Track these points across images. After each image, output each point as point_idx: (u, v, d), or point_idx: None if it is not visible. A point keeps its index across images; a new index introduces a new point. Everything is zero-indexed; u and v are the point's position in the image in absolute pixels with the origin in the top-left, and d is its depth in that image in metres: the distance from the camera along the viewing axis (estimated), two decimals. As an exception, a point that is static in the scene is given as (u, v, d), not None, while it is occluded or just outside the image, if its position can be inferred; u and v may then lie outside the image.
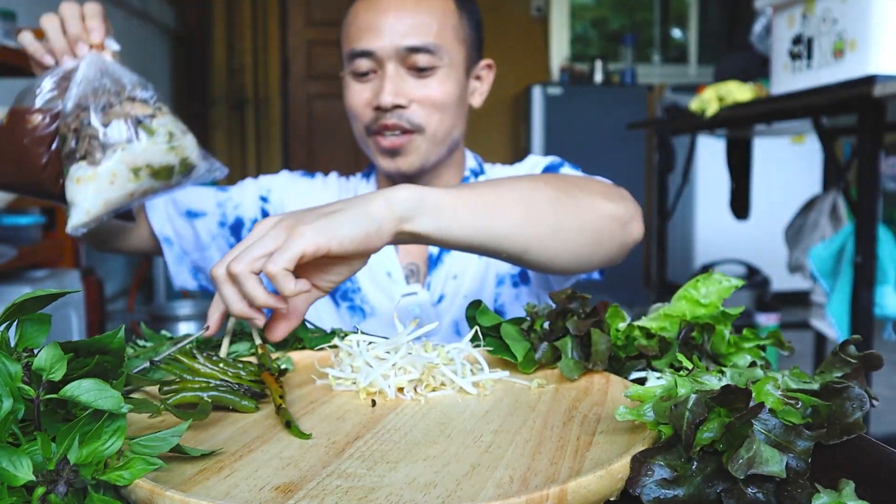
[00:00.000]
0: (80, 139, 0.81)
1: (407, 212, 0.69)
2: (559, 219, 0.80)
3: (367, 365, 0.65)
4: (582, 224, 0.82)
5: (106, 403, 0.42)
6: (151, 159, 0.81)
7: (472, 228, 0.73)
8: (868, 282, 1.63)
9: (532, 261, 0.80)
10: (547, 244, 0.79)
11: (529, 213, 0.77)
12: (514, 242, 0.77)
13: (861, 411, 0.47)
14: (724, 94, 2.00)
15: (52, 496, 0.38)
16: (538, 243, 0.79)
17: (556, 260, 0.82)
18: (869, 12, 1.57)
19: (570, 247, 0.82)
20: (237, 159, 4.71)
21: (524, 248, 0.78)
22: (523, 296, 1.13)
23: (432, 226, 0.71)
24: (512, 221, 0.76)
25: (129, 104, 0.83)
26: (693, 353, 0.64)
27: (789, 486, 0.41)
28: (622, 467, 0.43)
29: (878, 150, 1.59)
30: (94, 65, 0.83)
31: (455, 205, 0.72)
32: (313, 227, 0.64)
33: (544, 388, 0.64)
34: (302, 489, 0.44)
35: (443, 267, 1.13)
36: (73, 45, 0.86)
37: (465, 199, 0.73)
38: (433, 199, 0.71)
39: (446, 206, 0.72)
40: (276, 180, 1.23)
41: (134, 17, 3.82)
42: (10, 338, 0.48)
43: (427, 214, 0.71)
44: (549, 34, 5.11)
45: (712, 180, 4.25)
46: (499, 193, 0.76)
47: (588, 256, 0.85)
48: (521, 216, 0.77)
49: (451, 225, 0.72)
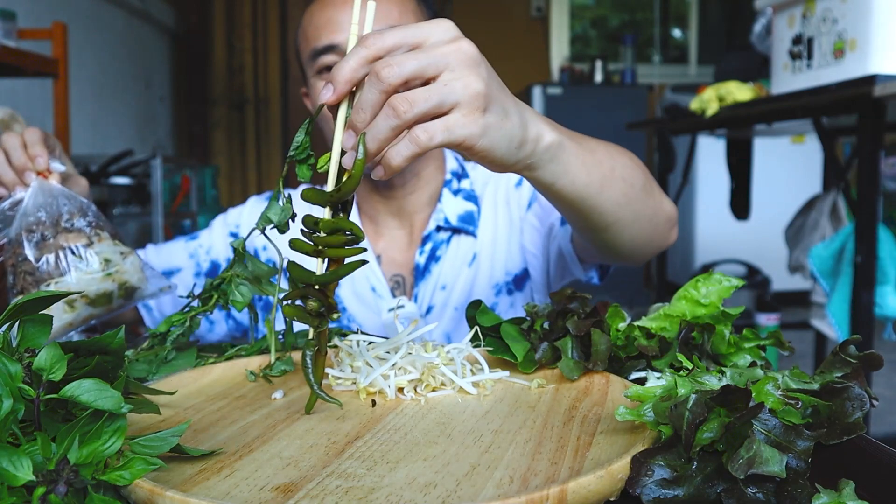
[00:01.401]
0: (17, 275, 0.83)
1: (540, 161, 0.66)
2: (644, 207, 0.81)
3: (367, 365, 0.65)
4: (653, 216, 0.83)
5: (106, 403, 0.42)
6: (86, 288, 0.82)
7: (579, 194, 0.72)
8: (868, 282, 1.63)
9: (606, 237, 0.81)
10: (625, 227, 0.80)
11: (627, 195, 0.77)
12: (604, 219, 0.77)
13: (861, 411, 0.47)
14: (724, 94, 2.00)
15: (52, 496, 0.38)
16: (621, 225, 0.79)
17: (625, 244, 0.83)
18: (869, 12, 1.57)
19: (639, 234, 0.83)
20: (237, 159, 4.71)
21: (608, 226, 0.78)
22: (518, 304, 1.12)
23: (550, 180, 0.69)
24: (614, 199, 0.76)
25: (63, 235, 0.84)
26: (693, 353, 0.64)
27: (789, 486, 0.41)
28: (622, 467, 0.43)
29: (878, 150, 1.59)
30: (39, 194, 0.86)
31: (578, 167, 0.70)
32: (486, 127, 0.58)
33: (544, 388, 0.64)
34: (302, 489, 0.44)
35: (430, 278, 1.11)
36: (21, 175, 0.88)
37: (587, 164, 0.72)
38: (566, 155, 0.68)
39: (570, 166, 0.69)
40: (243, 212, 1.22)
41: (134, 17, 3.82)
42: (11, 338, 0.48)
43: (551, 171, 0.68)
44: (549, 34, 5.11)
45: (712, 180, 4.25)
46: (612, 167, 0.75)
47: (641, 247, 0.86)
48: (622, 195, 0.77)
49: (565, 185, 0.70)
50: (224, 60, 4.65)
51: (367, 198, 1.16)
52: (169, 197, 3.39)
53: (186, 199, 3.45)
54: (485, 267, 1.12)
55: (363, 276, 1.12)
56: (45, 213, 0.85)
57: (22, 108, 2.36)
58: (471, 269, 1.11)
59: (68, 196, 0.87)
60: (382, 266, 1.14)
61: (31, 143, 0.88)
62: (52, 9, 2.84)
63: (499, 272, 1.12)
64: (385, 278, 1.13)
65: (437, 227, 1.12)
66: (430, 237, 1.12)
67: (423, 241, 1.12)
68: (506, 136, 0.60)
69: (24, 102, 2.52)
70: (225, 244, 1.20)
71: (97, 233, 0.86)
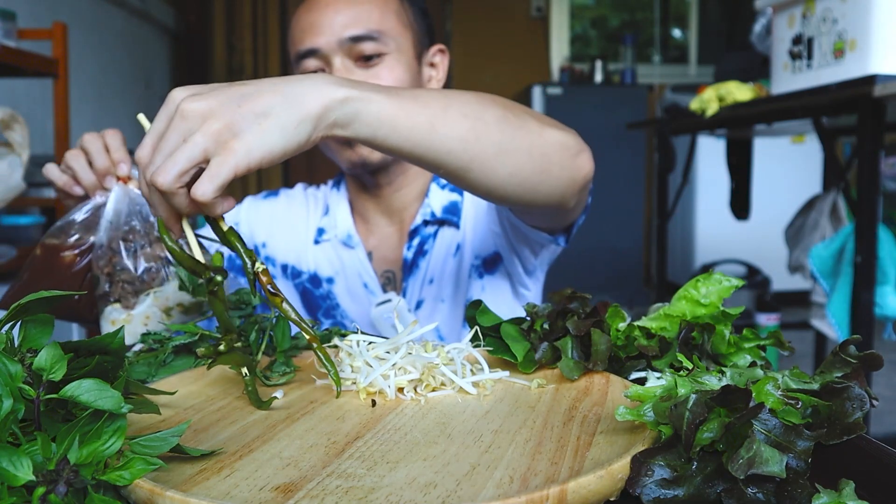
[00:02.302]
0: (113, 283, 0.82)
1: (343, 118, 0.64)
2: (506, 139, 0.75)
3: (367, 365, 0.65)
4: (530, 147, 0.76)
5: (106, 403, 0.42)
6: (182, 299, 0.83)
7: (411, 141, 0.69)
8: (868, 282, 1.62)
9: (474, 181, 0.75)
10: (491, 164, 0.74)
11: (475, 129, 0.72)
12: (455, 159, 0.72)
13: (861, 411, 0.47)
14: (724, 94, 2.00)
15: (52, 496, 0.38)
16: (481, 162, 0.73)
17: (500, 184, 0.76)
18: (869, 12, 1.57)
19: (515, 170, 0.76)
20: (237, 159, 4.71)
21: (466, 167, 0.73)
22: (489, 287, 1.11)
23: (368, 134, 0.67)
24: (456, 136, 0.71)
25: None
26: (693, 353, 0.64)
27: (789, 486, 0.41)
28: (622, 467, 0.43)
29: (878, 150, 1.59)
30: (123, 200, 0.84)
31: (396, 115, 0.67)
32: (244, 141, 0.58)
33: (544, 388, 0.64)
34: (302, 489, 0.44)
35: (419, 272, 1.12)
36: (102, 179, 0.86)
37: (407, 110, 0.68)
38: (373, 107, 0.66)
39: (386, 116, 0.67)
40: (239, 213, 1.22)
41: (134, 17, 3.82)
42: (13, 338, 0.48)
43: (364, 122, 0.66)
44: (549, 34, 5.11)
45: (712, 180, 4.25)
46: (444, 105, 0.71)
47: (535, 185, 0.79)
48: (466, 131, 0.72)
49: (389, 135, 0.67)
50: (224, 60, 4.65)
51: (357, 196, 1.17)
52: (169, 197, 3.38)
53: (186, 199, 3.44)
54: (464, 254, 1.12)
55: (355, 273, 1.13)
56: (138, 221, 0.84)
57: (22, 108, 2.36)
58: (455, 259, 1.12)
59: None
60: (373, 263, 1.15)
61: (115, 147, 0.87)
62: (52, 9, 2.84)
63: (470, 256, 1.12)
64: (376, 275, 1.14)
65: (423, 221, 1.13)
66: (418, 231, 1.12)
67: (410, 236, 1.12)
68: (278, 129, 0.60)
69: (24, 102, 2.52)
70: None
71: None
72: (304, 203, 1.23)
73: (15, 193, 1.59)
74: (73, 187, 0.88)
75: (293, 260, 1.19)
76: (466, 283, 1.11)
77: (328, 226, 1.18)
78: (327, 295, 1.15)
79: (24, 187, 1.60)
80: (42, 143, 2.49)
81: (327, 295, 1.15)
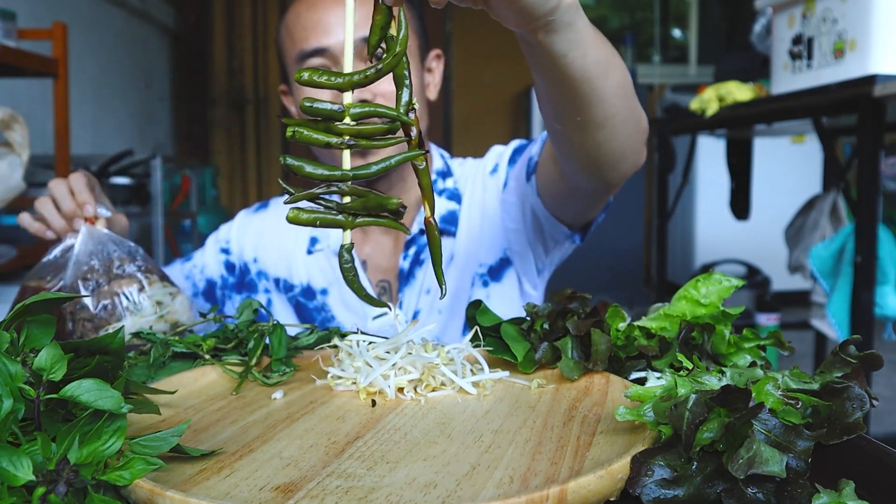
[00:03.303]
0: (75, 322, 0.86)
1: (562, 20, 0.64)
2: (633, 105, 0.79)
3: (367, 365, 0.65)
4: (639, 119, 0.81)
5: (106, 403, 0.42)
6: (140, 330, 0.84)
7: (588, 72, 0.70)
8: (868, 282, 1.62)
9: (600, 138, 0.78)
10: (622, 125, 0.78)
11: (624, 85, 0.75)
12: (606, 107, 0.75)
13: (861, 411, 0.47)
14: (724, 94, 2.00)
15: (52, 496, 0.38)
16: (618, 121, 0.77)
17: (615, 149, 0.81)
18: (869, 12, 1.57)
19: (628, 139, 0.81)
20: (237, 159, 4.71)
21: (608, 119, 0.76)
22: (494, 295, 1.10)
23: (563, 49, 0.66)
24: (615, 86, 0.74)
25: (116, 282, 0.87)
26: (693, 353, 0.64)
27: (789, 486, 0.41)
28: (622, 467, 0.43)
29: (878, 150, 1.59)
30: (89, 241, 0.89)
31: (589, 40, 0.68)
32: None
33: (544, 388, 0.64)
34: (302, 489, 0.44)
35: (415, 282, 1.10)
36: (70, 222, 0.90)
37: (595, 41, 0.70)
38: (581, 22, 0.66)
39: (584, 35, 0.67)
40: (232, 228, 1.22)
41: (134, 17, 3.82)
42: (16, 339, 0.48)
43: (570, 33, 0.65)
44: (549, 34, 5.10)
45: (712, 180, 4.25)
46: (612, 51, 0.74)
47: (626, 158, 0.84)
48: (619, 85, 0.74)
49: (576, 58, 0.68)
50: (224, 60, 4.65)
51: None
52: (169, 197, 3.39)
53: (186, 199, 3.45)
54: (461, 264, 1.11)
55: None
56: (97, 260, 0.88)
57: (22, 108, 2.36)
58: (449, 269, 1.10)
59: (116, 241, 0.91)
60: (368, 272, 1.13)
61: (78, 190, 0.90)
62: (52, 9, 2.84)
63: (474, 265, 1.11)
64: (371, 284, 1.12)
65: (420, 230, 1.11)
66: (415, 241, 1.11)
67: (406, 246, 1.11)
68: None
69: (24, 102, 2.52)
70: (215, 260, 1.21)
71: (147, 276, 0.89)
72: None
73: (15, 193, 1.59)
74: (45, 232, 0.92)
75: (284, 273, 1.17)
76: (468, 292, 1.10)
77: (321, 235, 1.16)
78: (322, 307, 1.14)
79: (24, 187, 1.60)
80: (42, 143, 2.49)
81: (322, 307, 1.14)
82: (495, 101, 4.95)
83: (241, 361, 0.71)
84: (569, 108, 0.76)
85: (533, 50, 0.69)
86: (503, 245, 1.11)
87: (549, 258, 1.11)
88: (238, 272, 1.20)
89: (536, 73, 0.74)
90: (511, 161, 1.12)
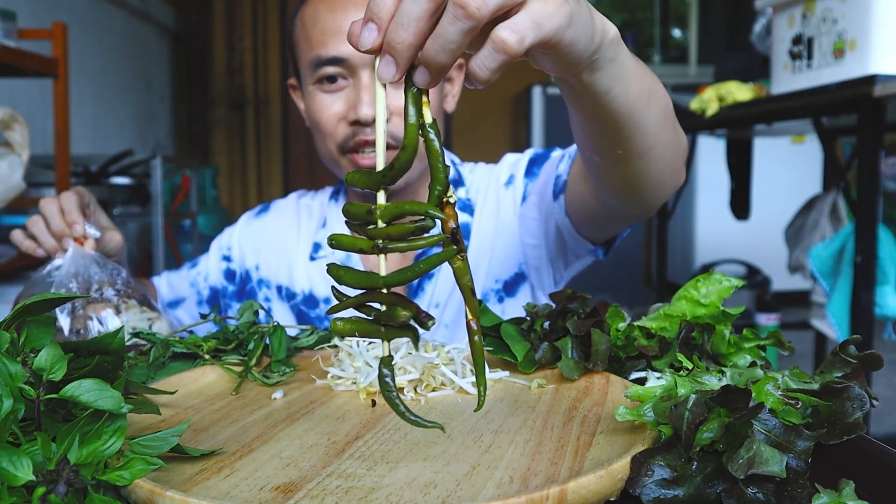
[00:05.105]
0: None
1: (605, 56, 0.59)
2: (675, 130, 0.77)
3: (367, 365, 0.65)
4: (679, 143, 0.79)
5: (106, 403, 0.42)
6: None
7: (630, 106, 0.67)
8: (868, 282, 1.62)
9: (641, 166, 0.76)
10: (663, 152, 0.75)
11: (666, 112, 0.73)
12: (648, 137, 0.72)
13: (861, 411, 0.47)
14: (724, 94, 2.00)
15: (52, 496, 0.38)
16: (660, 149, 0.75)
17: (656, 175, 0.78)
18: (869, 12, 1.57)
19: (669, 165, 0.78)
20: (237, 159, 4.71)
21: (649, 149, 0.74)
22: (509, 311, 1.08)
23: (606, 86, 0.62)
24: (657, 116, 0.71)
25: (92, 306, 0.88)
26: (693, 353, 0.64)
27: (789, 486, 0.41)
28: (622, 467, 0.43)
29: (878, 150, 1.59)
30: (72, 263, 0.90)
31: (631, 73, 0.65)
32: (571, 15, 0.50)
33: (544, 388, 0.64)
34: (302, 489, 0.44)
35: (424, 296, 1.08)
36: (59, 241, 0.91)
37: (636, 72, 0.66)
38: (623, 55, 0.62)
39: (626, 69, 0.63)
40: (233, 233, 1.21)
41: (134, 17, 3.82)
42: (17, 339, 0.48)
43: (613, 68, 0.61)
44: (549, 34, 5.10)
45: (712, 180, 4.25)
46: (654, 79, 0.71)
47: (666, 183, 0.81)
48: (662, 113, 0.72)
49: (619, 94, 0.65)
50: (224, 60, 4.65)
51: None
52: (169, 197, 3.39)
53: (186, 199, 3.45)
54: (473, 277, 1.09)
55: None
56: (76, 282, 0.88)
57: (22, 108, 2.36)
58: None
59: (101, 263, 0.91)
60: None
61: (69, 209, 0.90)
62: (52, 9, 2.84)
63: (489, 280, 1.08)
64: None
65: None
66: (425, 254, 1.09)
67: (416, 258, 1.08)
68: (585, 26, 0.53)
69: (24, 102, 2.52)
70: (217, 267, 1.19)
71: (125, 301, 0.89)
72: (296, 215, 1.18)
73: (15, 193, 1.59)
74: (35, 250, 0.93)
75: (286, 280, 1.14)
76: None
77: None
78: (324, 316, 1.11)
79: (24, 187, 1.60)
80: (42, 143, 2.49)
81: (324, 316, 1.11)
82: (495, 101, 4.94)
83: (241, 362, 0.71)
84: (609, 141, 0.73)
85: (572, 89, 0.64)
86: (518, 260, 1.08)
87: (569, 271, 1.08)
88: (239, 280, 1.18)
89: (574, 109, 0.70)
90: (529, 173, 1.09)
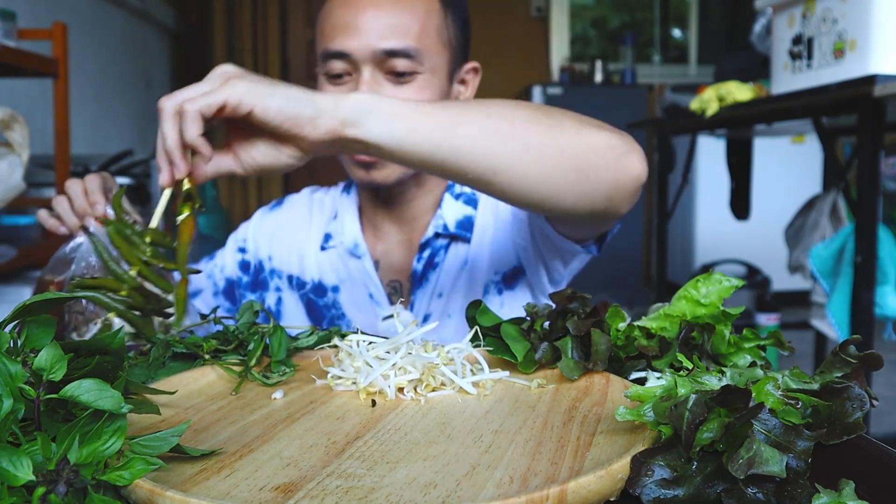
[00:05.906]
0: (71, 314, 0.89)
1: (354, 114, 0.64)
2: (536, 137, 0.70)
3: (367, 365, 0.65)
4: (564, 147, 0.72)
5: (106, 403, 0.42)
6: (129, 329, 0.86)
7: (429, 143, 0.66)
8: (868, 282, 1.62)
9: (502, 186, 0.71)
10: (520, 167, 0.69)
11: (499, 129, 0.69)
12: (480, 162, 0.68)
13: (861, 411, 0.47)
14: (724, 94, 2.00)
15: (52, 496, 0.38)
16: (509, 165, 0.69)
17: (531, 187, 0.71)
18: (869, 12, 1.57)
19: (548, 172, 0.71)
20: (237, 159, 4.71)
21: (492, 170, 0.69)
22: (508, 303, 1.09)
23: (383, 134, 0.65)
24: (479, 137, 0.68)
25: None
26: (693, 353, 0.64)
27: (789, 486, 0.41)
28: (622, 467, 0.43)
29: (878, 150, 1.59)
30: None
31: (412, 115, 0.66)
32: (249, 85, 0.65)
33: (544, 388, 0.64)
34: (302, 489, 0.44)
35: (428, 286, 1.09)
36: (82, 219, 0.93)
37: (425, 111, 0.67)
38: (388, 107, 0.66)
39: (402, 115, 0.66)
40: (249, 226, 1.23)
41: (134, 17, 3.82)
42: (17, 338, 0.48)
43: (377, 120, 0.65)
44: (549, 34, 5.11)
45: (712, 180, 4.25)
46: (466, 108, 0.69)
47: (572, 188, 0.74)
48: (490, 131, 0.68)
49: (405, 136, 0.66)
50: (224, 60, 4.65)
51: (367, 203, 1.15)
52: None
53: (186, 199, 3.44)
54: (475, 270, 1.10)
55: (361, 283, 1.11)
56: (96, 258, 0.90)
57: (22, 108, 2.36)
58: (463, 274, 1.09)
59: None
60: (380, 272, 1.12)
61: (91, 190, 0.93)
62: (52, 9, 2.84)
63: (489, 272, 1.10)
64: (382, 284, 1.11)
65: (435, 233, 1.10)
66: (429, 244, 1.10)
67: (421, 248, 1.10)
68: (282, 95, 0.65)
69: (24, 102, 2.52)
70: (233, 260, 1.21)
71: None
72: (308, 208, 1.21)
73: (15, 193, 1.59)
74: (59, 228, 0.95)
75: (296, 270, 1.17)
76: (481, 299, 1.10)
77: (335, 231, 1.15)
78: (332, 304, 1.13)
79: (24, 187, 1.60)
80: (42, 143, 2.49)
81: (332, 304, 1.13)
82: (495, 101, 4.94)
83: (241, 362, 0.71)
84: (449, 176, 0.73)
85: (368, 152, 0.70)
86: (517, 255, 1.09)
87: (568, 269, 1.09)
88: (253, 271, 1.21)
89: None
90: None
